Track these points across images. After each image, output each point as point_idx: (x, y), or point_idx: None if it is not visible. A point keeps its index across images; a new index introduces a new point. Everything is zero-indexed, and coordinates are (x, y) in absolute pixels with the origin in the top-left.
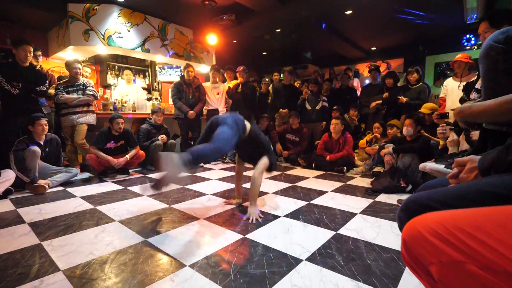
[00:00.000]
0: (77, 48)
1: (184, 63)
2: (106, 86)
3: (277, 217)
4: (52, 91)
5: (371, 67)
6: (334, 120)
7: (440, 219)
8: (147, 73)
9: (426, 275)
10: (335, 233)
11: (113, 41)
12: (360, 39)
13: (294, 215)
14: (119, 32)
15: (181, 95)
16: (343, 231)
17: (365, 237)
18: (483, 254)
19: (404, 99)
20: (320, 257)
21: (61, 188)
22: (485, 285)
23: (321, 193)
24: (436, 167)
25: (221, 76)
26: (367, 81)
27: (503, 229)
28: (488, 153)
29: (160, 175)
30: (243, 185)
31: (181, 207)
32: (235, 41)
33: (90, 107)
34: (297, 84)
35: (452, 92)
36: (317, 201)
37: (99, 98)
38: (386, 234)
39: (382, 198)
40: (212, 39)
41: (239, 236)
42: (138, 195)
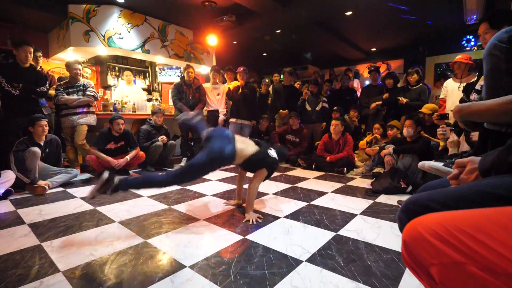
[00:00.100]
0: (77, 49)
1: (184, 64)
2: (106, 87)
3: (277, 218)
4: (52, 92)
5: (371, 68)
6: (334, 121)
7: (441, 220)
8: (147, 74)
9: (426, 276)
10: (335, 234)
11: (114, 42)
12: (360, 40)
13: (294, 216)
14: (120, 33)
15: (181, 96)
16: (343, 232)
17: (365, 238)
18: (483, 255)
19: (404, 100)
20: (320, 258)
21: (61, 189)
22: (485, 286)
23: (321, 194)
24: (435, 164)
25: (221, 77)
26: (367, 82)
27: (504, 230)
28: (488, 154)
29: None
30: (244, 186)
31: (181, 208)
32: (235, 42)
33: (91, 108)
34: (297, 85)
35: (452, 93)
36: (317, 202)
37: (99, 99)
38: (386, 235)
39: (382, 199)
40: (212, 40)
41: (239, 237)
42: (138, 196)
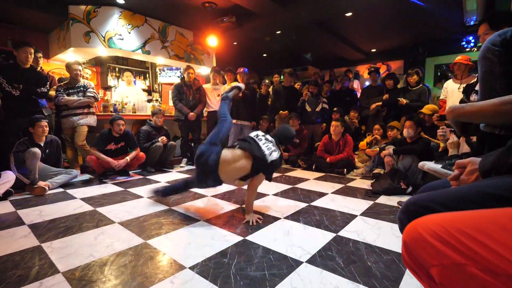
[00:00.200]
0: (77, 50)
1: (184, 65)
2: (107, 88)
3: (277, 219)
4: (52, 92)
5: (371, 69)
6: (334, 122)
7: (441, 221)
8: (147, 75)
9: (427, 277)
10: (335, 235)
11: (114, 43)
12: (360, 40)
13: (294, 217)
14: (120, 34)
15: (181, 97)
16: (343, 233)
17: (365, 239)
18: (484, 257)
19: (404, 100)
20: (321, 259)
21: (61, 189)
22: (486, 287)
23: (321, 194)
24: (433, 166)
25: (222, 78)
26: (367, 83)
27: (505, 231)
28: (488, 155)
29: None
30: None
31: (181, 209)
32: (235, 43)
33: (91, 109)
34: (297, 86)
35: (452, 94)
36: (317, 203)
37: (99, 99)
38: (386, 236)
39: (383, 200)
40: (213, 41)
41: (239, 238)
42: (138, 196)
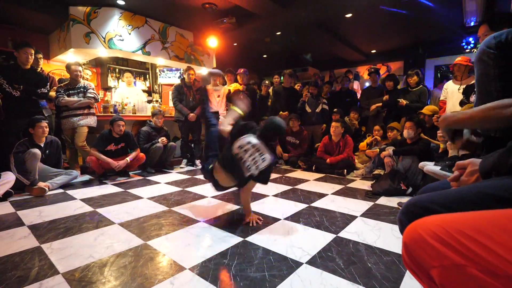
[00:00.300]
0: (78, 51)
1: (184, 65)
2: (107, 89)
3: (277, 220)
4: (53, 93)
5: (371, 70)
6: (334, 123)
7: (441, 222)
8: (147, 76)
9: (427, 278)
10: (335, 236)
11: (114, 44)
12: (360, 42)
13: (294, 218)
14: (120, 35)
15: (181, 98)
16: (343, 234)
17: (365, 240)
18: (484, 258)
19: (404, 101)
20: (321, 260)
21: (61, 190)
22: None
23: (321, 195)
24: (432, 168)
25: (222, 79)
26: (367, 84)
27: (505, 232)
28: (489, 156)
29: None
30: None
31: (181, 209)
32: (235, 44)
33: (91, 110)
34: (297, 87)
35: (452, 95)
36: (317, 203)
37: (99, 100)
38: (386, 237)
39: (383, 200)
40: (213, 42)
41: (239, 239)
42: (138, 197)
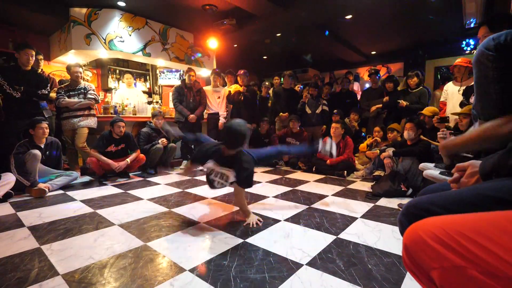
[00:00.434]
0: (78, 52)
1: (184, 67)
2: (107, 90)
3: (277, 221)
4: (53, 94)
5: (371, 71)
6: (334, 124)
7: (442, 224)
8: (148, 77)
9: (427, 280)
10: (335, 237)
11: (115, 45)
12: (360, 43)
13: (295, 219)
14: (121, 36)
15: (182, 99)
16: (343, 235)
17: (366, 241)
18: (484, 259)
19: (404, 103)
20: (321, 261)
21: (61, 191)
22: None
23: (321, 197)
24: (431, 172)
25: (222, 80)
26: (367, 85)
27: (505, 234)
28: (489, 157)
29: None
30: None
31: (181, 211)
32: (235, 45)
33: (91, 111)
34: (297, 88)
35: (452, 96)
36: (317, 205)
37: (100, 101)
38: (387, 238)
39: (383, 202)
40: (213, 43)
41: (239, 240)
42: (138, 198)
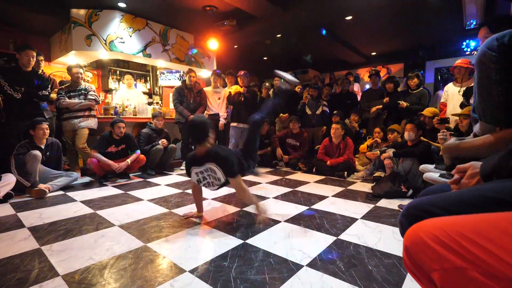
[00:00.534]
0: (79, 53)
1: (185, 68)
2: (108, 91)
3: (277, 222)
4: (54, 95)
5: (371, 72)
6: (334, 125)
7: (442, 225)
8: (148, 78)
9: (428, 281)
10: (336, 238)
11: (115, 46)
12: (360, 44)
13: (295, 220)
14: (121, 37)
15: (182, 100)
16: (344, 236)
17: (366, 242)
18: (485, 261)
19: (405, 103)
20: (321, 262)
21: (61, 192)
22: None
23: (321, 198)
24: (431, 175)
25: (222, 81)
26: (367, 86)
27: (506, 235)
28: (489, 158)
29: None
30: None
31: (181, 211)
32: (236, 46)
33: (92, 112)
34: (297, 89)
35: (452, 97)
36: (317, 206)
37: (100, 102)
38: (387, 239)
39: (383, 203)
40: (213, 44)
41: (239, 241)
42: (138, 199)
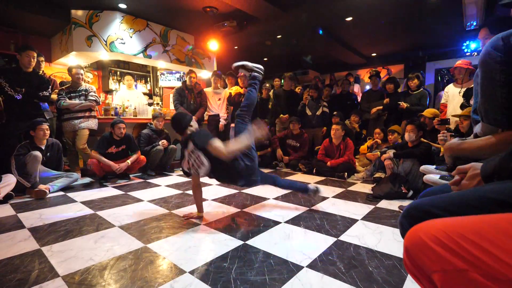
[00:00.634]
0: (79, 54)
1: (185, 68)
2: (108, 92)
3: (277, 223)
4: (54, 96)
5: (372, 73)
6: (334, 126)
7: (443, 226)
8: (148, 79)
9: (428, 283)
10: (336, 239)
11: (116, 47)
12: (361, 45)
13: (295, 221)
14: (122, 38)
15: (182, 101)
16: (344, 237)
17: (366, 243)
18: (486, 263)
19: (405, 104)
20: (321, 264)
21: (61, 193)
22: None
23: (322, 199)
24: (431, 177)
25: (223, 82)
26: (367, 87)
27: (506, 236)
28: (490, 160)
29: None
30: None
31: (182, 212)
32: (236, 47)
33: (92, 112)
34: (298, 90)
35: (453, 98)
36: (318, 207)
37: (101, 103)
38: (387, 240)
39: (384, 204)
40: (214, 45)
41: (239, 242)
42: (138, 200)
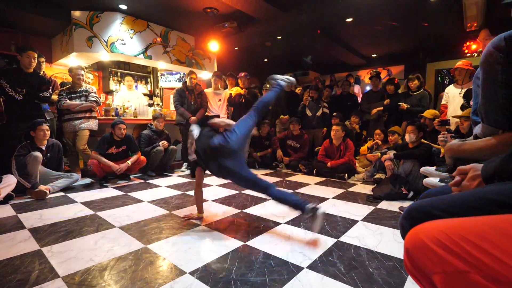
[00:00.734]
0: (80, 55)
1: (185, 69)
2: (108, 92)
3: (278, 224)
4: (55, 97)
5: (372, 74)
6: (334, 127)
7: (444, 228)
8: (149, 79)
9: (429, 284)
10: (336, 240)
11: (116, 47)
12: (361, 46)
13: (295, 222)
14: (122, 39)
15: (183, 101)
16: (344, 238)
17: (367, 244)
18: (487, 264)
19: (405, 105)
20: (322, 265)
21: (62, 193)
22: None
23: (322, 199)
24: (431, 180)
25: (223, 83)
26: (368, 88)
27: (507, 238)
28: (491, 161)
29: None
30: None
31: (182, 213)
32: (236, 48)
33: (93, 113)
34: (298, 90)
35: (453, 99)
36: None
37: (101, 104)
38: (388, 241)
39: (384, 205)
40: (214, 46)
41: (240, 243)
42: (138, 201)
